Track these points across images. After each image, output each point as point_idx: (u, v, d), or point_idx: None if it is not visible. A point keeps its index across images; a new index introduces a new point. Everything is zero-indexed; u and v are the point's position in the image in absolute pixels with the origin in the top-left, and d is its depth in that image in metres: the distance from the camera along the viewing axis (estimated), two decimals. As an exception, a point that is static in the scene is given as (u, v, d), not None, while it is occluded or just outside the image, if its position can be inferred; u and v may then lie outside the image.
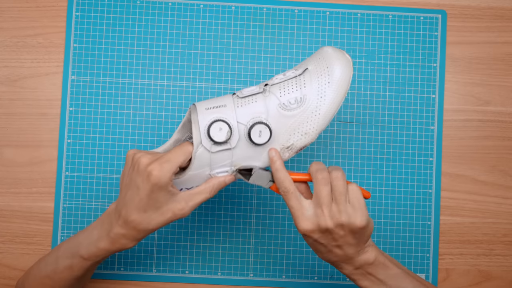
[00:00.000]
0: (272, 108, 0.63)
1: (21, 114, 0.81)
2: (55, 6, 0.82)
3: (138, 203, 0.61)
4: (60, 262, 0.67)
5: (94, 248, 0.65)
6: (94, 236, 0.65)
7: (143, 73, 0.82)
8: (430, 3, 0.83)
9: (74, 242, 0.67)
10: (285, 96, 0.63)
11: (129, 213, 0.62)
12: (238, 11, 0.82)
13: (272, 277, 0.81)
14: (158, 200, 0.61)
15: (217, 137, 0.62)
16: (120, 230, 0.63)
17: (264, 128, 0.62)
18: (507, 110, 0.83)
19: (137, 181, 0.61)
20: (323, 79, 0.63)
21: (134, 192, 0.61)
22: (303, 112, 0.63)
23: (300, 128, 0.63)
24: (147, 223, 0.62)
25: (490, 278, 0.82)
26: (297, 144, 0.64)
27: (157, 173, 0.60)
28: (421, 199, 0.82)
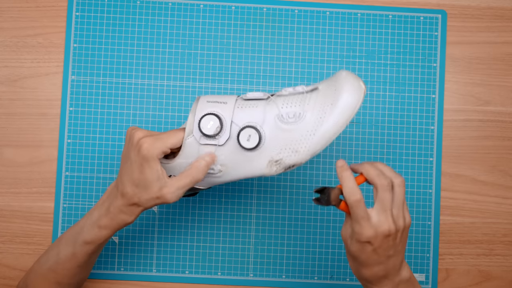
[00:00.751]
0: (269, 117, 0.62)
1: (21, 114, 0.81)
2: (55, 6, 0.82)
3: (130, 175, 0.62)
4: (62, 252, 0.67)
5: (96, 229, 0.65)
6: (95, 216, 0.66)
7: (143, 73, 0.82)
8: (430, 3, 0.83)
9: (75, 229, 0.67)
10: (286, 109, 0.62)
11: (124, 185, 0.63)
12: (238, 11, 0.82)
13: (272, 277, 0.81)
14: (146, 177, 0.62)
15: (206, 130, 0.61)
16: (119, 202, 0.64)
17: (254, 133, 0.61)
18: (507, 110, 0.83)
19: (130, 153, 0.62)
20: (327, 101, 0.61)
21: (128, 164, 0.62)
22: (298, 130, 0.61)
23: (292, 145, 0.62)
24: (138, 198, 0.63)
25: (490, 278, 0.82)
26: (286, 161, 0.62)
27: (147, 146, 0.61)
28: (421, 199, 0.82)
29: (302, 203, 0.81)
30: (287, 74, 0.82)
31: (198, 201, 0.81)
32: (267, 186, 0.81)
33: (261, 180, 0.81)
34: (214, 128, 0.61)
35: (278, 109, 0.62)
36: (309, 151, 0.61)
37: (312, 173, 0.81)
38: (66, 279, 0.68)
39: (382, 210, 0.60)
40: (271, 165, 0.62)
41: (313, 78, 0.82)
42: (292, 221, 0.81)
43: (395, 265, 0.62)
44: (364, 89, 0.61)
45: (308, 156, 0.62)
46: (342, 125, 0.61)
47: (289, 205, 0.81)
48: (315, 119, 0.61)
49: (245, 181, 0.81)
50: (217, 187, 0.81)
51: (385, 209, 0.60)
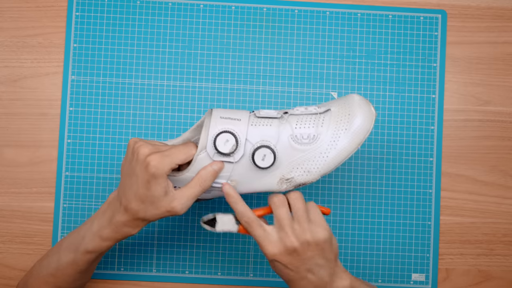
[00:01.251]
0: (284, 136, 0.63)
1: (21, 114, 0.81)
2: (55, 6, 0.82)
3: (136, 192, 0.61)
4: (63, 259, 0.67)
5: (98, 239, 0.65)
6: (95, 227, 0.65)
7: (143, 73, 0.82)
8: (430, 3, 0.83)
9: (75, 237, 0.67)
10: (300, 129, 0.63)
11: (128, 201, 0.62)
12: (238, 11, 0.82)
13: (272, 277, 0.81)
14: (154, 194, 0.61)
15: (222, 148, 0.62)
16: (122, 217, 0.63)
17: (269, 153, 0.62)
18: (507, 110, 0.83)
19: (136, 169, 0.61)
20: (341, 125, 0.63)
21: (133, 180, 0.62)
22: (312, 150, 0.63)
23: (305, 165, 0.63)
24: (144, 213, 0.62)
25: (490, 278, 0.82)
26: (297, 179, 0.63)
27: (155, 164, 0.60)
28: (421, 199, 0.82)
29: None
30: (287, 74, 0.82)
31: (198, 201, 0.81)
32: (267, 186, 0.81)
33: (261, 180, 0.81)
34: (230, 147, 0.62)
35: (292, 129, 0.63)
36: (321, 172, 0.63)
37: (312, 173, 0.81)
38: (66, 284, 0.68)
39: (280, 228, 0.61)
40: (282, 182, 0.64)
41: (313, 78, 0.82)
42: (292, 221, 0.81)
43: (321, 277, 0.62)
44: (375, 115, 0.64)
45: (318, 176, 0.63)
46: (354, 148, 0.63)
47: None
48: (329, 141, 0.63)
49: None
50: (217, 187, 0.81)
51: (283, 225, 0.61)
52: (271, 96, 0.82)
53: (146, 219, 0.63)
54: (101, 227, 0.65)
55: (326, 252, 0.62)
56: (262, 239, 0.62)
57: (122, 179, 0.64)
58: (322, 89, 0.82)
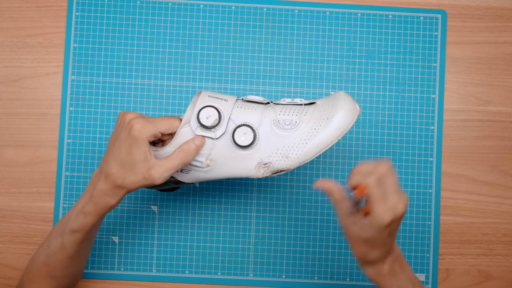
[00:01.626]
0: (266, 121, 0.64)
1: (21, 114, 0.81)
2: (55, 6, 0.82)
3: (118, 156, 0.62)
4: (52, 244, 0.67)
5: (81, 216, 0.65)
6: (80, 204, 0.66)
7: (143, 73, 0.82)
8: (430, 3, 0.83)
9: (62, 221, 0.68)
10: (283, 116, 0.64)
11: (109, 166, 0.63)
12: (238, 11, 0.82)
13: (272, 277, 0.81)
14: (134, 158, 0.62)
15: (204, 121, 0.63)
16: (102, 185, 0.64)
17: (249, 132, 0.63)
18: (507, 110, 0.83)
19: (120, 134, 0.63)
20: (323, 115, 0.64)
21: (116, 145, 0.63)
22: (292, 137, 0.63)
23: (284, 150, 0.63)
24: (123, 179, 0.63)
25: (490, 278, 0.82)
26: (275, 164, 0.63)
27: (138, 127, 0.61)
28: (421, 199, 0.82)
29: (302, 203, 0.81)
30: (287, 74, 0.82)
31: (198, 201, 0.81)
32: (267, 186, 0.81)
33: (261, 180, 0.81)
34: (212, 120, 0.63)
35: (275, 115, 0.64)
36: (299, 159, 0.63)
37: (312, 173, 0.81)
38: (58, 271, 0.68)
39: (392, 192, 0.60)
40: (260, 167, 0.64)
41: (313, 78, 0.82)
42: (292, 221, 0.81)
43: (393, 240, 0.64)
44: (359, 111, 0.64)
45: (296, 164, 0.63)
46: (334, 139, 0.63)
47: (289, 205, 0.81)
48: (309, 129, 0.63)
49: (245, 181, 0.81)
50: (217, 187, 0.81)
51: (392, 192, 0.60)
52: (271, 96, 0.82)
53: (124, 186, 0.63)
54: (84, 204, 0.65)
55: None
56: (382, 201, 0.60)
57: (108, 148, 0.65)
58: (322, 89, 0.82)
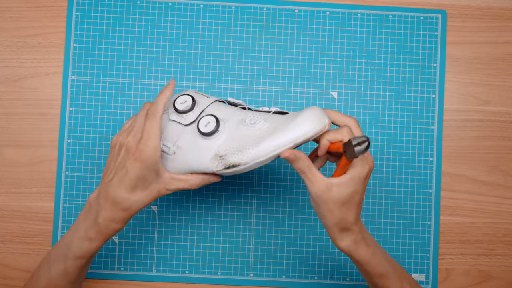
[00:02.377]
0: (235, 119, 0.65)
1: (21, 114, 0.81)
2: (55, 6, 0.82)
3: (127, 183, 0.62)
4: (52, 269, 0.66)
5: (86, 242, 0.65)
6: (81, 231, 0.65)
7: (143, 73, 0.82)
8: (430, 3, 0.83)
9: (61, 247, 0.66)
10: (251, 118, 0.65)
11: (117, 193, 0.63)
12: (238, 11, 0.82)
13: (272, 277, 0.81)
14: (147, 180, 0.63)
15: (179, 105, 0.65)
16: (108, 213, 0.63)
17: (213, 121, 0.64)
18: (507, 110, 0.83)
19: (126, 163, 0.62)
20: (286, 120, 0.63)
21: (123, 173, 0.62)
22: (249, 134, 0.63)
23: (239, 143, 0.63)
24: (135, 201, 0.63)
25: (490, 278, 0.82)
26: (228, 158, 0.63)
27: (147, 153, 0.62)
28: (421, 199, 0.82)
29: (302, 203, 0.81)
30: (287, 74, 0.82)
31: (198, 201, 0.81)
32: (267, 186, 0.81)
33: (261, 180, 0.81)
34: (185, 106, 0.65)
35: (244, 116, 0.65)
36: (251, 155, 0.62)
37: (312, 173, 0.81)
38: None
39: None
40: (215, 159, 0.64)
41: (313, 78, 0.82)
42: (292, 221, 0.81)
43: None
44: (326, 124, 0.62)
45: (249, 160, 0.62)
46: (289, 142, 0.61)
47: (289, 205, 0.81)
48: (266, 129, 0.63)
49: (245, 181, 0.81)
50: (217, 187, 0.81)
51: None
52: (271, 96, 0.82)
53: (135, 209, 0.64)
54: (86, 229, 0.65)
55: None
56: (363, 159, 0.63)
57: (108, 175, 0.64)
58: (322, 89, 0.82)
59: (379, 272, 0.65)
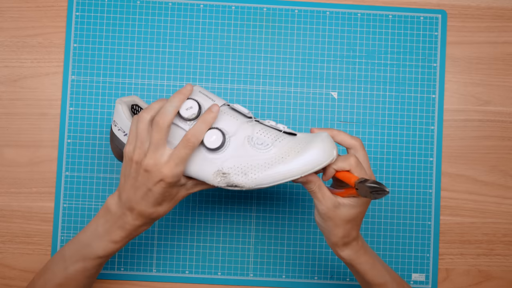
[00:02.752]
0: (241, 134, 0.63)
1: (21, 114, 0.81)
2: (55, 6, 0.82)
3: (153, 201, 0.63)
4: (70, 267, 0.66)
5: (110, 244, 0.65)
6: (102, 232, 0.65)
7: (143, 73, 0.82)
8: (430, 3, 0.83)
9: (78, 245, 0.66)
10: (259, 135, 0.63)
11: (143, 209, 0.63)
12: (238, 11, 0.82)
13: (272, 277, 0.81)
14: (171, 194, 0.64)
15: (183, 111, 0.62)
16: (136, 222, 0.64)
17: (220, 136, 0.62)
18: (507, 110, 0.83)
19: (147, 184, 0.62)
20: (296, 148, 0.62)
21: (147, 193, 0.62)
22: (258, 158, 0.62)
23: (245, 167, 0.62)
24: (163, 211, 0.65)
25: (490, 278, 0.82)
26: (232, 177, 0.62)
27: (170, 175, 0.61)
28: (421, 199, 0.82)
29: (302, 203, 0.81)
30: (287, 74, 0.82)
31: (198, 201, 0.81)
32: (267, 186, 0.81)
33: (261, 180, 0.81)
34: (190, 113, 0.63)
35: (252, 132, 0.63)
36: (256, 180, 0.61)
37: (312, 173, 0.81)
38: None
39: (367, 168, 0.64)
40: (217, 174, 0.62)
41: (313, 78, 0.82)
42: (292, 221, 0.81)
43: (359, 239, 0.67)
44: (334, 157, 0.61)
45: (253, 184, 0.61)
46: (296, 174, 0.61)
47: (289, 205, 0.81)
48: (277, 156, 0.62)
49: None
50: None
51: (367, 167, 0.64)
52: (271, 96, 0.82)
53: (162, 215, 0.65)
54: (109, 232, 0.65)
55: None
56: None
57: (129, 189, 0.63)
58: (322, 89, 0.82)
59: (379, 281, 0.65)
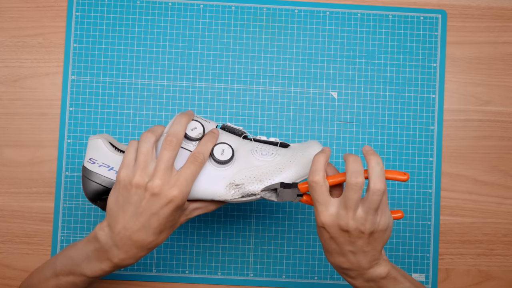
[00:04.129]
0: (244, 149, 0.65)
1: (21, 114, 0.81)
2: (55, 6, 0.82)
3: (157, 228, 0.60)
4: (61, 278, 0.65)
5: (99, 271, 0.63)
6: (92, 259, 0.63)
7: (143, 73, 0.82)
8: (430, 3, 0.83)
9: (68, 260, 0.64)
10: (260, 147, 0.65)
11: (143, 238, 0.60)
12: (238, 11, 0.82)
13: (272, 277, 0.81)
14: (175, 219, 0.62)
15: (189, 132, 0.63)
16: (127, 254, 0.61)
17: (227, 148, 0.63)
18: (507, 110, 0.83)
19: (153, 208, 0.59)
20: (299, 152, 0.65)
21: (151, 219, 0.60)
22: (268, 165, 0.64)
23: (257, 174, 0.63)
24: (161, 240, 0.62)
25: (490, 278, 0.82)
26: (246, 187, 0.63)
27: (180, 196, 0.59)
28: (421, 199, 0.82)
29: (302, 203, 0.81)
30: (287, 74, 0.82)
31: (198, 201, 0.81)
32: (267, 186, 0.81)
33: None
34: (197, 133, 0.63)
35: (253, 146, 0.65)
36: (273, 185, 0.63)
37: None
38: None
39: (343, 206, 0.59)
40: (231, 187, 0.63)
41: (313, 78, 0.82)
42: (292, 221, 0.81)
43: (360, 262, 0.61)
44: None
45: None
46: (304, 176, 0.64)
47: (289, 205, 0.81)
48: (286, 160, 0.64)
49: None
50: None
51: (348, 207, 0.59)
52: (271, 96, 0.82)
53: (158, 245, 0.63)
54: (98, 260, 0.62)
55: (376, 241, 0.61)
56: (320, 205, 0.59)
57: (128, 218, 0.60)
58: (322, 89, 0.82)
59: None
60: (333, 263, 0.63)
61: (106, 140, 0.65)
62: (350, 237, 0.60)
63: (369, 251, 0.61)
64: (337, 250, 0.61)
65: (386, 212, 0.60)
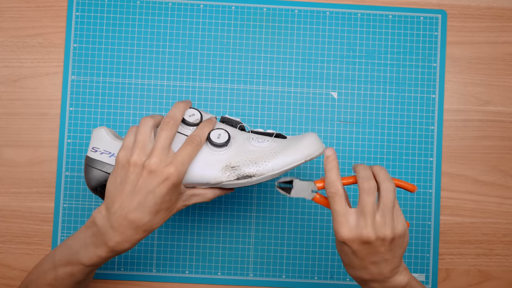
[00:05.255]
0: (240, 137, 0.67)
1: (21, 114, 0.81)
2: (55, 6, 0.82)
3: (153, 207, 0.60)
4: (59, 270, 0.65)
5: (95, 257, 0.63)
6: (89, 245, 0.63)
7: (143, 73, 0.82)
8: (430, 3, 0.83)
9: (67, 250, 0.65)
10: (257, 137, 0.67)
11: (139, 217, 0.60)
12: (238, 11, 0.82)
13: (272, 277, 0.81)
14: (171, 200, 0.62)
15: (188, 118, 0.65)
16: (123, 237, 0.61)
17: (223, 132, 0.65)
18: (507, 110, 0.83)
19: (149, 186, 0.60)
20: (293, 140, 0.66)
21: (147, 197, 0.60)
22: (264, 150, 0.65)
23: (253, 157, 0.65)
24: (157, 223, 0.62)
25: (490, 278, 0.82)
26: (242, 168, 0.64)
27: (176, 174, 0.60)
28: (421, 199, 0.82)
29: (302, 203, 0.81)
30: (287, 74, 0.82)
31: (198, 201, 0.81)
32: (267, 186, 0.81)
33: (261, 180, 0.81)
34: (194, 119, 0.65)
35: (248, 135, 0.67)
36: (267, 167, 0.64)
37: (312, 173, 0.81)
38: None
39: (361, 214, 0.59)
40: (226, 169, 0.64)
41: (313, 78, 0.82)
42: (292, 221, 0.81)
43: (381, 271, 0.61)
44: (323, 151, 0.66)
45: (265, 171, 0.64)
46: (303, 157, 0.65)
47: (289, 205, 0.81)
48: (276, 146, 0.66)
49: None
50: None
51: (366, 213, 0.59)
52: (271, 96, 0.82)
53: (153, 230, 0.63)
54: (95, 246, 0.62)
55: (397, 248, 0.61)
56: (339, 218, 0.59)
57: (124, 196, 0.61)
58: (322, 89, 0.82)
59: None
60: (354, 276, 0.63)
61: (109, 130, 0.68)
62: (372, 247, 0.60)
63: (390, 258, 0.61)
64: (359, 264, 0.61)
65: (401, 217, 0.61)
